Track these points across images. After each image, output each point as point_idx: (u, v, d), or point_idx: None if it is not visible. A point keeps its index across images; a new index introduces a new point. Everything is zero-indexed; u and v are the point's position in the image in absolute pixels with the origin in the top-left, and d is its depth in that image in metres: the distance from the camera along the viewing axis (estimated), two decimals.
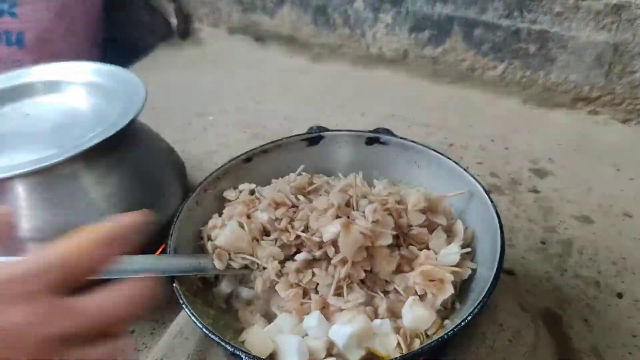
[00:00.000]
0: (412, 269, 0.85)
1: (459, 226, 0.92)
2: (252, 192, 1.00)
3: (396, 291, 0.84)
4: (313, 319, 0.81)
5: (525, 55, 1.62)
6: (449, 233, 0.91)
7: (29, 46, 1.89)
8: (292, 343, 0.79)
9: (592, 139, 1.52)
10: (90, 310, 0.46)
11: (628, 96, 1.52)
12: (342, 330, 0.78)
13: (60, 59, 1.28)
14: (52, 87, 1.23)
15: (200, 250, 0.94)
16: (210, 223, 0.95)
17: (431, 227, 0.90)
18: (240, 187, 1.02)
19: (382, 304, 0.82)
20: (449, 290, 0.82)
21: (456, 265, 0.85)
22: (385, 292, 0.85)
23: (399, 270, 0.86)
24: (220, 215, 0.96)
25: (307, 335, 0.81)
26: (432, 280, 0.83)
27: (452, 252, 0.86)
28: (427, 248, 0.88)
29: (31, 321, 0.42)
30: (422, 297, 0.83)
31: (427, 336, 0.81)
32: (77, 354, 0.44)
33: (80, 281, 0.47)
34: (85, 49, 2.05)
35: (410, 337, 0.80)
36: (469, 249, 0.88)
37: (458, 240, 0.89)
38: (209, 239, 0.92)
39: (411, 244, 0.88)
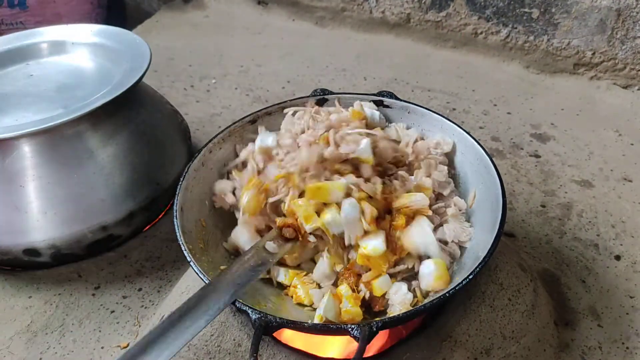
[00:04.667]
0: None
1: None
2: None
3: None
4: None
5: (528, 19, 1.61)
6: None
7: (32, 7, 1.88)
8: None
9: (593, 105, 1.52)
10: None
11: (630, 62, 1.52)
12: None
13: (63, 21, 1.28)
14: (56, 48, 1.23)
15: (212, 207, 0.96)
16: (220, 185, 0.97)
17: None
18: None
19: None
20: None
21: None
22: None
23: None
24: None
25: None
26: None
27: None
28: None
29: None
30: None
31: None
32: None
33: None
34: (87, 11, 2.04)
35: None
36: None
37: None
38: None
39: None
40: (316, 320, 0.79)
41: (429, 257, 0.84)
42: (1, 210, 1.01)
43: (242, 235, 0.90)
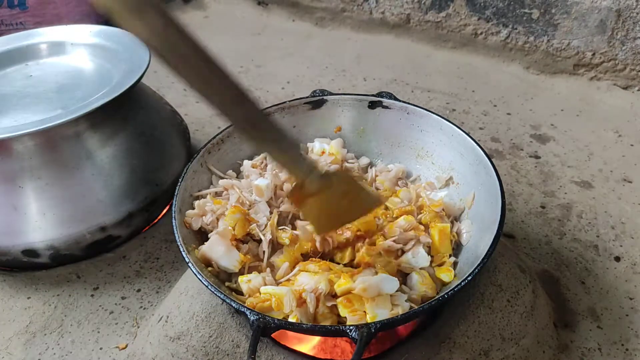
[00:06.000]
0: None
1: None
2: None
3: None
4: None
5: (528, 20, 1.61)
6: None
7: (32, 8, 1.88)
8: None
9: (593, 105, 1.52)
10: None
11: (630, 62, 1.52)
12: None
13: (63, 21, 1.27)
14: (55, 48, 1.23)
15: None
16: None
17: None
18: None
19: None
20: None
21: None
22: None
23: None
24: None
25: None
26: None
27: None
28: None
29: None
30: None
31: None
32: None
33: None
34: (87, 11, 2.03)
35: None
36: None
37: None
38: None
39: None
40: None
41: None
42: (0, 210, 1.01)
43: (219, 248, 0.85)
